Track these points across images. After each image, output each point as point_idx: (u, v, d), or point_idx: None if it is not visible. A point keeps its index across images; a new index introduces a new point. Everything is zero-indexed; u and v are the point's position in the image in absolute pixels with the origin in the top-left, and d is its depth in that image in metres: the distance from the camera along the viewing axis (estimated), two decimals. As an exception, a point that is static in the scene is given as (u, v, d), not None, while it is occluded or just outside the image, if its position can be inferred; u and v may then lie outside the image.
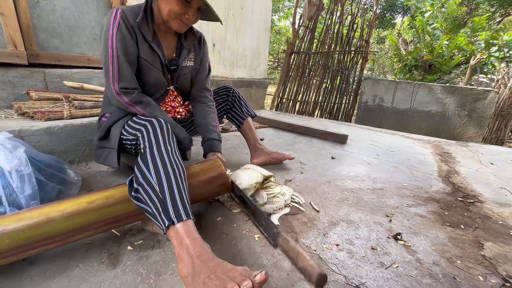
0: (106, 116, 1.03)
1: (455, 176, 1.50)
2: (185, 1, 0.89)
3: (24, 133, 1.02)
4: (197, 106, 1.18)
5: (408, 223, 0.97)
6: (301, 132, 2.25)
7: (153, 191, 0.66)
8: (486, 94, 2.89)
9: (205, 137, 1.12)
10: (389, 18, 15.22)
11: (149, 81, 1.02)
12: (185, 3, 0.89)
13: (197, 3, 0.92)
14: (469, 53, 4.39)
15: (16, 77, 1.27)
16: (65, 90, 1.42)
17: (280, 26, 13.11)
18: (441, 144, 2.26)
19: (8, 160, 0.65)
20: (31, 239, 0.57)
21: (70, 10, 1.47)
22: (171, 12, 0.90)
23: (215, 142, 1.11)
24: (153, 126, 0.80)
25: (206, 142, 1.12)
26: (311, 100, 3.82)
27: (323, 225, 0.92)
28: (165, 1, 0.90)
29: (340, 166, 1.53)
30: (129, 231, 0.82)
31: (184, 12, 0.91)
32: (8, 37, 1.22)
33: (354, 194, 1.18)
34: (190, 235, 0.59)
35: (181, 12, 0.90)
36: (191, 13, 0.93)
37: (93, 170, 1.23)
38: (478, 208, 1.14)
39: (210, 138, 1.12)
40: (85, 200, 0.66)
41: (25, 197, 0.71)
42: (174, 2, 0.88)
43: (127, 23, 0.91)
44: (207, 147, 1.11)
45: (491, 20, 9.95)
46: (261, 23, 3.05)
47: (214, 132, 1.13)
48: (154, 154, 0.73)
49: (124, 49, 0.90)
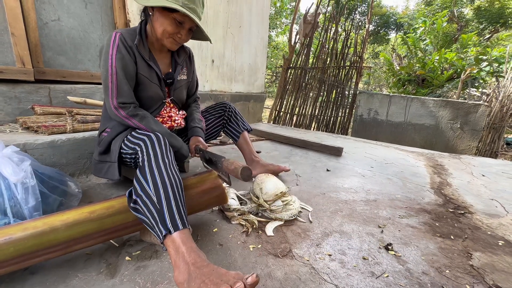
0: (107, 131, 1.08)
1: (447, 188, 1.54)
2: (177, 22, 0.97)
3: (28, 146, 1.06)
4: (187, 107, 1.34)
5: (399, 233, 1.00)
6: (298, 145, 2.30)
7: (150, 202, 0.70)
8: (477, 107, 2.98)
9: (190, 126, 1.24)
10: (383, 34, 15.75)
11: (147, 95, 1.09)
12: (178, 24, 0.97)
13: (189, 24, 0.99)
14: (460, 68, 4.55)
15: (22, 92, 1.32)
16: (68, 105, 1.47)
17: (277, 42, 13.52)
18: (435, 157, 2.31)
19: (15, 173, 0.69)
20: (35, 247, 0.60)
21: (77, 30, 1.56)
22: (165, 32, 0.98)
23: (198, 129, 1.22)
24: (151, 141, 0.85)
25: (190, 130, 1.23)
26: (307, 113, 3.91)
27: (316, 235, 0.95)
28: (159, 22, 0.97)
29: (334, 178, 1.56)
30: (127, 242, 0.84)
31: (177, 32, 0.99)
32: (17, 55, 1.29)
33: (348, 205, 1.21)
34: (186, 244, 0.62)
35: (174, 32, 0.98)
36: (183, 33, 1.01)
37: (93, 183, 1.26)
38: (468, 219, 1.17)
39: (193, 126, 1.23)
40: (86, 210, 0.69)
41: (29, 208, 0.74)
42: (168, 23, 0.96)
43: (125, 44, 0.98)
44: (190, 133, 1.22)
45: (481, 36, 10.33)
46: (258, 40, 3.18)
47: (198, 122, 1.25)
48: (152, 167, 0.76)
49: (123, 67, 0.97)
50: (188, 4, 0.94)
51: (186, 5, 0.93)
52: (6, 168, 0.69)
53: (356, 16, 15.21)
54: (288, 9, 10.30)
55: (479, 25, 10.96)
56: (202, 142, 1.16)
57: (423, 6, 12.95)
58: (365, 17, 15.16)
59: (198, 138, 1.18)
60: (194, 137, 1.19)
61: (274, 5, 9.56)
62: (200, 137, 1.19)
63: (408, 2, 19.27)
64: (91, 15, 1.61)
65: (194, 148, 1.13)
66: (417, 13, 12.38)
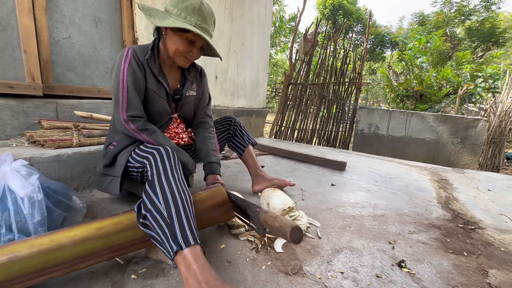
0: (113, 144, 1.08)
1: (454, 203, 1.52)
2: (190, 41, 1.00)
3: (34, 160, 1.06)
4: (199, 133, 1.26)
5: (411, 250, 0.98)
6: (301, 159, 2.29)
7: (161, 216, 0.68)
8: (477, 122, 3.02)
9: (206, 161, 1.19)
10: (379, 52, 16.27)
11: (155, 110, 1.09)
12: (190, 43, 1.00)
13: (201, 43, 1.02)
14: (456, 84, 4.65)
15: (30, 107, 1.34)
16: (74, 119, 1.48)
17: (277, 59, 13.90)
18: (438, 171, 2.30)
19: (23, 187, 0.68)
20: (41, 265, 0.58)
21: (86, 47, 1.61)
22: (177, 51, 1.00)
23: (215, 165, 1.18)
24: (160, 154, 0.85)
25: (206, 165, 1.19)
26: (308, 128, 3.94)
27: (326, 252, 0.92)
28: (172, 41, 1.00)
29: (340, 193, 1.55)
30: (132, 259, 0.82)
31: (189, 51, 1.01)
32: (27, 71, 1.32)
33: (356, 221, 1.19)
34: (198, 261, 0.60)
35: (186, 50, 1.01)
36: (194, 51, 1.03)
37: (96, 197, 1.24)
38: (479, 234, 1.14)
39: (210, 161, 1.18)
40: (94, 227, 0.68)
41: (34, 224, 0.73)
42: (180, 42, 0.99)
43: (137, 59, 1.00)
44: (208, 170, 1.18)
45: (474, 54, 10.68)
46: (260, 57, 3.27)
47: (214, 156, 1.20)
48: (162, 181, 0.76)
49: (133, 82, 0.99)
50: (200, 24, 0.97)
51: (198, 25, 0.97)
52: (15, 181, 0.68)
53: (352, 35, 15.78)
54: (287, 28, 10.69)
55: (472, 44, 11.36)
56: (220, 180, 1.13)
57: (416, 25, 13.49)
58: (361, 36, 15.73)
59: (216, 176, 1.14)
60: (211, 175, 1.14)
61: (274, 24, 9.93)
62: (218, 175, 1.16)
63: (401, 22, 20.07)
64: (101, 33, 1.66)
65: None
66: (411, 32, 12.86)
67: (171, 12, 0.97)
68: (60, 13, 1.46)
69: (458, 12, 12.02)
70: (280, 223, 0.63)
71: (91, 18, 1.60)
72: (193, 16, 0.96)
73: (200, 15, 0.97)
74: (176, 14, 0.96)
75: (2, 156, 0.75)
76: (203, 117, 1.29)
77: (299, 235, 0.60)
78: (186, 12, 0.95)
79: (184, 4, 0.96)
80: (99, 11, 1.64)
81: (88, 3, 1.58)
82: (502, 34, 10.79)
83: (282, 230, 0.61)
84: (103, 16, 1.66)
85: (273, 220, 0.67)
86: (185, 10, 0.95)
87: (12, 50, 1.29)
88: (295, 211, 1.10)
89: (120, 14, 1.75)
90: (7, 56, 1.28)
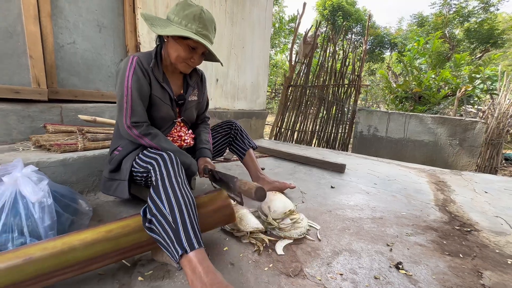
0: (118, 149, 1.10)
1: (451, 205, 1.55)
2: (191, 48, 1.02)
3: (41, 164, 1.08)
4: (196, 127, 1.36)
5: (408, 252, 1.00)
6: (301, 161, 2.32)
7: (166, 221, 0.71)
8: (474, 124, 3.05)
9: (198, 147, 1.26)
10: (378, 53, 16.33)
11: (159, 115, 1.13)
12: (191, 50, 1.03)
13: (201, 49, 1.05)
14: (455, 86, 4.69)
15: (35, 111, 1.36)
16: (78, 123, 1.51)
17: (276, 60, 13.95)
18: (436, 173, 2.33)
19: (34, 192, 0.71)
20: (53, 267, 0.60)
21: (90, 52, 1.63)
22: (178, 57, 1.03)
23: (206, 150, 1.25)
24: (163, 160, 0.87)
25: (198, 150, 1.25)
26: (308, 129, 3.97)
27: (326, 254, 0.95)
28: (174, 48, 1.02)
29: (339, 195, 1.58)
30: (138, 261, 0.84)
31: (190, 57, 1.04)
32: (33, 76, 1.34)
33: (355, 223, 1.22)
34: (203, 263, 0.63)
35: (187, 57, 1.03)
36: (196, 58, 1.06)
37: (101, 200, 1.26)
38: (475, 237, 1.17)
39: (202, 147, 1.25)
40: (103, 230, 0.70)
41: (45, 227, 0.75)
42: (182, 49, 1.01)
43: (141, 67, 1.03)
44: (199, 154, 1.24)
45: (473, 55, 10.73)
46: (260, 59, 3.30)
47: (206, 144, 1.27)
48: (166, 186, 0.78)
49: (138, 89, 1.01)
50: (201, 31, 1.00)
51: (199, 32, 0.99)
52: (26, 187, 0.71)
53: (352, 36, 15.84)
54: (286, 29, 10.73)
55: (470, 45, 11.42)
56: (210, 162, 1.19)
57: (415, 27, 13.55)
58: (360, 37, 15.79)
59: (206, 159, 1.20)
60: (202, 158, 1.21)
61: (273, 25, 9.99)
62: (208, 158, 1.22)
63: (400, 23, 20.15)
64: (104, 39, 1.69)
65: (203, 169, 1.16)
66: (410, 34, 12.92)
67: (173, 20, 1.00)
68: (64, 19, 1.49)
69: (456, 14, 12.09)
70: (249, 186, 0.83)
71: (94, 23, 1.63)
72: (194, 24, 0.98)
73: (201, 22, 0.99)
74: (177, 22, 0.99)
75: (14, 162, 0.78)
76: (202, 119, 1.38)
77: (262, 194, 0.80)
78: (187, 19, 0.98)
79: (185, 12, 0.98)
80: (102, 16, 1.66)
81: (91, 9, 1.60)
82: (500, 35, 10.85)
83: (249, 191, 0.80)
84: (106, 21, 1.69)
85: (244, 185, 0.85)
86: (186, 17, 0.98)
87: (18, 56, 1.32)
88: (296, 214, 1.12)
89: (123, 19, 1.78)
90: (13, 62, 1.31)
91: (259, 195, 0.79)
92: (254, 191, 0.78)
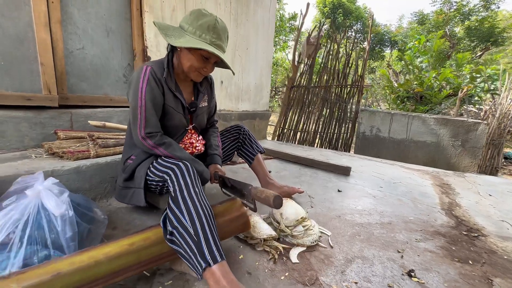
0: (132, 158, 1.11)
1: (457, 209, 1.57)
2: (204, 58, 1.02)
3: (56, 173, 1.09)
4: (206, 131, 1.38)
5: (419, 259, 1.02)
6: (306, 163, 2.34)
7: (188, 234, 0.72)
8: (477, 125, 3.07)
9: (209, 153, 1.28)
10: (378, 50, 16.29)
11: (172, 124, 1.13)
12: (204, 59, 1.03)
13: (214, 59, 1.05)
14: (456, 86, 4.71)
15: (46, 118, 1.37)
16: (88, 128, 1.52)
17: (277, 58, 13.91)
18: (440, 175, 2.36)
19: (57, 206, 0.72)
20: (80, 282, 0.62)
21: (98, 57, 1.63)
22: (191, 67, 1.03)
23: (216, 156, 1.27)
24: (180, 170, 0.88)
25: (209, 156, 1.27)
26: (311, 130, 3.98)
27: (339, 262, 0.97)
28: (187, 58, 1.03)
29: (347, 199, 1.59)
30: (157, 271, 0.86)
31: (203, 67, 1.04)
32: (44, 83, 1.35)
33: (364, 229, 1.24)
34: (227, 277, 0.65)
35: (200, 66, 1.04)
36: (208, 67, 1.06)
37: (113, 207, 1.28)
38: (483, 242, 1.20)
39: (212, 153, 1.27)
40: (126, 243, 0.72)
41: (66, 239, 0.77)
42: (195, 59, 1.01)
43: (155, 77, 1.03)
44: (209, 160, 1.26)
45: (473, 54, 10.74)
46: (264, 60, 3.30)
47: (216, 149, 1.30)
48: (185, 198, 0.80)
49: (152, 99, 1.02)
50: (215, 42, 1.00)
51: (213, 43, 1.00)
52: (50, 201, 0.72)
53: (352, 34, 15.80)
54: (287, 27, 10.68)
55: (471, 43, 11.42)
56: (220, 169, 1.20)
57: (416, 25, 13.52)
58: (360, 35, 15.74)
59: (216, 165, 1.22)
60: (212, 164, 1.23)
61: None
62: (218, 165, 1.23)
63: (401, 21, 20.09)
64: (112, 43, 1.69)
65: (213, 175, 1.17)
66: (410, 32, 12.89)
67: (186, 29, 1.00)
68: (74, 25, 1.49)
69: (457, 11, 12.06)
70: (266, 194, 0.84)
71: (103, 28, 1.63)
72: (208, 34, 0.99)
73: (215, 33, 1.00)
74: (191, 32, 0.99)
75: (35, 175, 0.79)
76: (210, 124, 1.39)
77: (279, 202, 0.82)
78: (201, 30, 0.98)
79: (199, 22, 0.98)
80: (110, 21, 1.66)
81: (100, 14, 1.60)
82: (501, 33, 10.85)
83: (267, 199, 0.82)
84: (114, 26, 1.69)
85: (261, 193, 0.86)
86: (200, 28, 0.98)
87: (29, 63, 1.32)
88: (307, 220, 1.14)
89: (130, 23, 1.77)
90: (24, 69, 1.31)
91: (277, 203, 0.81)
92: (272, 200, 0.80)
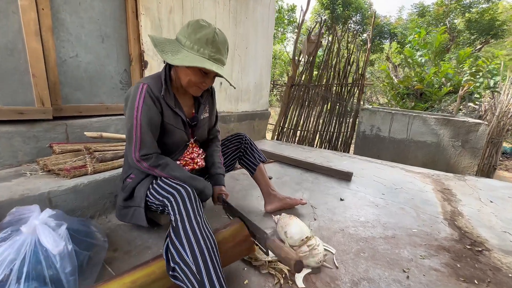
0: (131, 177, 1.08)
1: (460, 219, 1.57)
2: (203, 73, 0.97)
3: (52, 194, 1.05)
4: (207, 146, 1.31)
5: (424, 279, 1.02)
6: (307, 168, 2.32)
7: (190, 271, 0.70)
8: (478, 126, 3.06)
9: (212, 172, 1.23)
10: (378, 42, 16.11)
11: (172, 141, 1.09)
12: (203, 74, 0.98)
13: (214, 73, 1.00)
14: (456, 83, 4.68)
15: (40, 131, 1.31)
16: (84, 140, 1.47)
17: (275, 50, 13.72)
18: (441, 179, 2.35)
19: (55, 242, 0.69)
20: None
21: (93, 64, 1.56)
22: (190, 82, 0.98)
23: (221, 176, 1.22)
24: (181, 196, 0.85)
25: (213, 176, 1.22)
26: (311, 129, 3.95)
27: (345, 285, 0.95)
28: (185, 73, 0.97)
29: (349, 209, 1.58)
30: (161, 300, 0.84)
31: (202, 81, 1.00)
32: (36, 95, 1.29)
33: (369, 244, 1.23)
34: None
35: (199, 81, 0.99)
36: (208, 81, 1.02)
37: (113, 224, 1.25)
38: (487, 257, 1.19)
39: (216, 173, 1.22)
40: (128, 280, 0.69)
41: (66, 274, 0.74)
42: (193, 74, 0.96)
43: (152, 95, 0.98)
44: (214, 180, 1.21)
45: (473, 47, 10.66)
46: (263, 59, 3.23)
47: (219, 168, 1.24)
48: (186, 229, 0.77)
49: (148, 119, 0.97)
50: (214, 56, 0.95)
51: (212, 57, 0.95)
52: (47, 238, 0.69)
53: (351, 25, 15.55)
54: (285, 19, 10.49)
55: (471, 36, 11.32)
56: (224, 191, 1.17)
57: (416, 17, 13.33)
58: (359, 26, 15.50)
59: (221, 187, 1.18)
60: (217, 186, 1.18)
61: (272, 16, 9.77)
62: (223, 186, 1.19)
63: (401, 12, 19.80)
64: (107, 49, 1.62)
65: (217, 197, 1.13)
66: (410, 24, 12.72)
67: (184, 43, 0.95)
68: (66, 31, 1.41)
69: (458, 3, 11.88)
70: (286, 254, 0.75)
71: (97, 33, 1.55)
72: (206, 48, 0.93)
73: (214, 46, 0.94)
74: (188, 47, 0.94)
75: (31, 207, 0.75)
76: (212, 134, 1.33)
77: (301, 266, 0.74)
78: (199, 44, 0.93)
79: (198, 36, 0.93)
80: (105, 25, 1.58)
81: (94, 19, 1.52)
82: (501, 26, 10.75)
83: (288, 261, 0.74)
84: (109, 30, 1.61)
85: (279, 249, 0.78)
86: (198, 42, 0.93)
87: (20, 75, 1.25)
88: (312, 239, 1.12)
89: (126, 26, 1.69)
90: (15, 81, 1.25)
91: (298, 267, 0.73)
92: (293, 265, 0.72)
